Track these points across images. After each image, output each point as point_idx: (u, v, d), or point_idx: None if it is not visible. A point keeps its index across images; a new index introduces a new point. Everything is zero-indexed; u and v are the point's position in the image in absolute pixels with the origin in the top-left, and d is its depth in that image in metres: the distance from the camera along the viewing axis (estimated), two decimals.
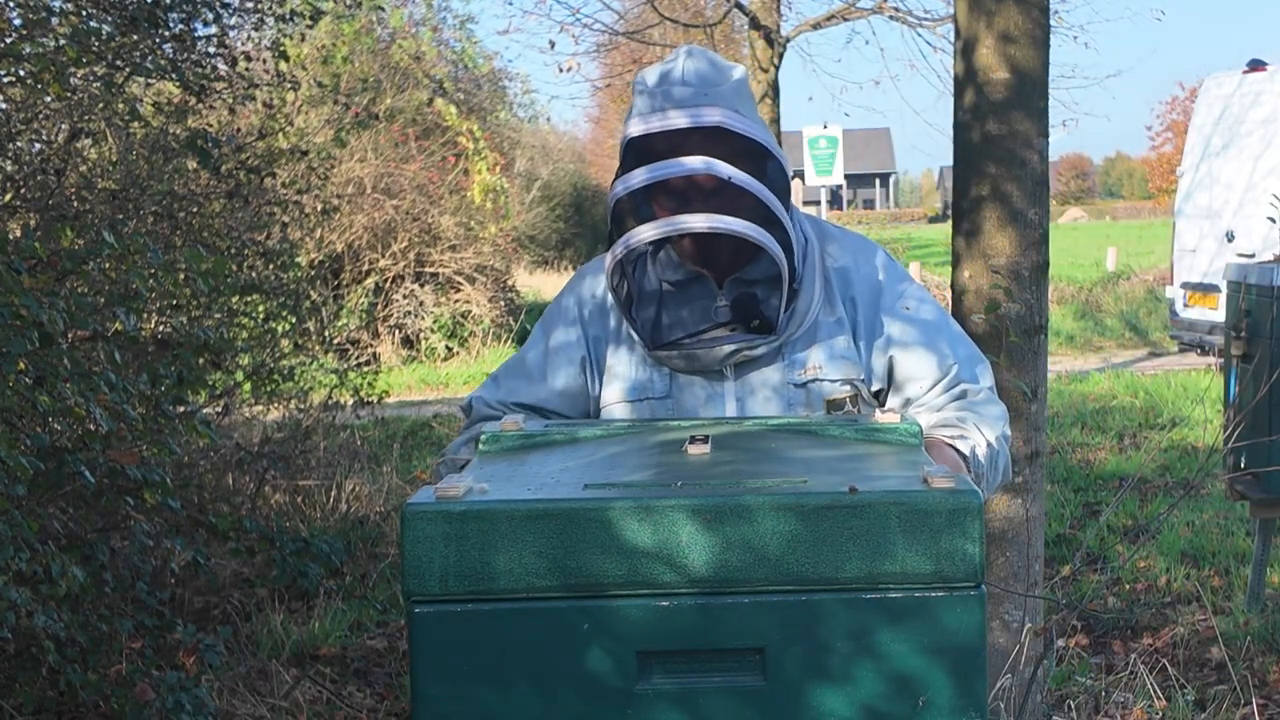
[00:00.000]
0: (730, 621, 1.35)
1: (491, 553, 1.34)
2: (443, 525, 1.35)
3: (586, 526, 1.34)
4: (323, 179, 7.42)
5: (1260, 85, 11.52)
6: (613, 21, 13.16)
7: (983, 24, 3.63)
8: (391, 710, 4.48)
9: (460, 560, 1.35)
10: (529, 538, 1.34)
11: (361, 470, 7.06)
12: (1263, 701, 4.29)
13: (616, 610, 1.35)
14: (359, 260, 14.48)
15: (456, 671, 1.36)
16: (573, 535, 1.34)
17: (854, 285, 2.04)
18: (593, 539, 1.34)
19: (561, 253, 25.25)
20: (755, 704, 1.36)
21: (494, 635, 1.36)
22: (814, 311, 1.99)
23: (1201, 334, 11.79)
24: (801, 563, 1.35)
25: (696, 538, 1.34)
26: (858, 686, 1.35)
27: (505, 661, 1.35)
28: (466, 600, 1.35)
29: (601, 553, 1.34)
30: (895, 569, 1.35)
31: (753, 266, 1.95)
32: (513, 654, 1.35)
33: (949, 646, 1.35)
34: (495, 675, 1.35)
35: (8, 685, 3.24)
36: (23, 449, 2.98)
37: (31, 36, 3.97)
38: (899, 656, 1.35)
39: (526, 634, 1.35)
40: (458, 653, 1.36)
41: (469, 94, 17.59)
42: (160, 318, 4.67)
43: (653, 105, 1.91)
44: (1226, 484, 5.30)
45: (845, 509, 1.35)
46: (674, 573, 1.35)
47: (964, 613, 1.35)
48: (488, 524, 1.35)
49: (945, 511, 1.35)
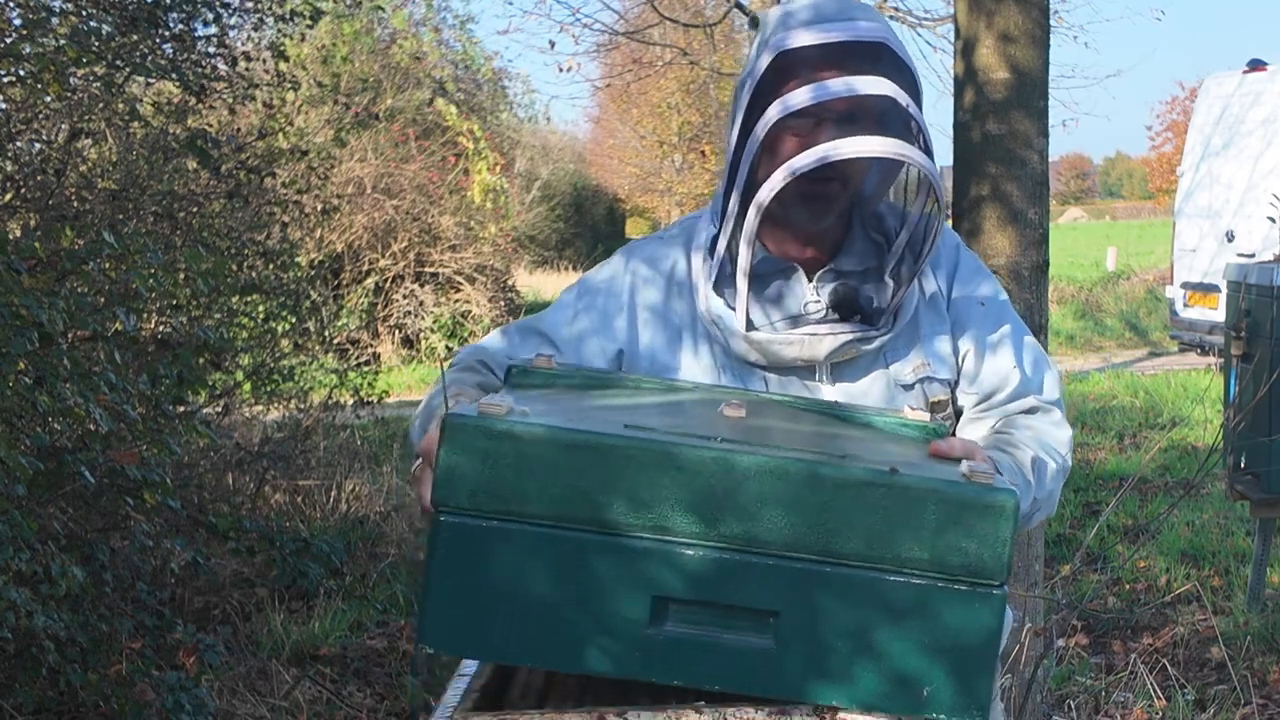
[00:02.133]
0: (749, 580, 1.34)
1: (526, 475, 1.34)
2: (482, 440, 1.34)
3: (625, 464, 1.34)
4: (323, 179, 7.42)
5: (1260, 85, 11.52)
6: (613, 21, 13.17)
7: (983, 24, 3.63)
8: (391, 710, 4.48)
9: (494, 478, 1.34)
10: (566, 466, 1.34)
11: (361, 470, 7.06)
12: (1263, 701, 4.29)
13: (639, 551, 1.34)
14: (359, 260, 14.48)
15: (471, 587, 1.35)
16: (610, 471, 1.34)
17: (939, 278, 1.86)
18: (629, 477, 1.33)
19: (561, 253, 25.26)
20: (761, 666, 1.35)
21: (514, 557, 1.35)
22: (914, 305, 1.80)
23: (1201, 334, 11.79)
24: (830, 534, 1.34)
25: (731, 492, 1.34)
26: (865, 667, 1.35)
27: (521, 585, 1.35)
28: (493, 518, 1.35)
29: (634, 492, 1.34)
30: (923, 556, 1.34)
31: (846, 256, 1.79)
32: (530, 578, 1.34)
33: (963, 641, 1.35)
34: (508, 597, 1.35)
35: (8, 685, 3.24)
36: (23, 449, 2.98)
37: (31, 36, 3.98)
38: (911, 644, 1.35)
39: (547, 561, 1.34)
40: (476, 568, 1.35)
41: (469, 94, 17.60)
42: (160, 318, 4.67)
43: (817, 16, 1.67)
44: (1226, 484, 5.30)
45: (883, 488, 1.34)
46: (702, 524, 1.34)
47: (984, 610, 1.35)
48: (528, 446, 1.34)
49: (981, 507, 1.34)
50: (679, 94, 26.71)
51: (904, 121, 1.64)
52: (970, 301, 1.86)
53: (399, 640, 5.02)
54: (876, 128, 1.62)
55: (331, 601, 5.31)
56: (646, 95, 27.00)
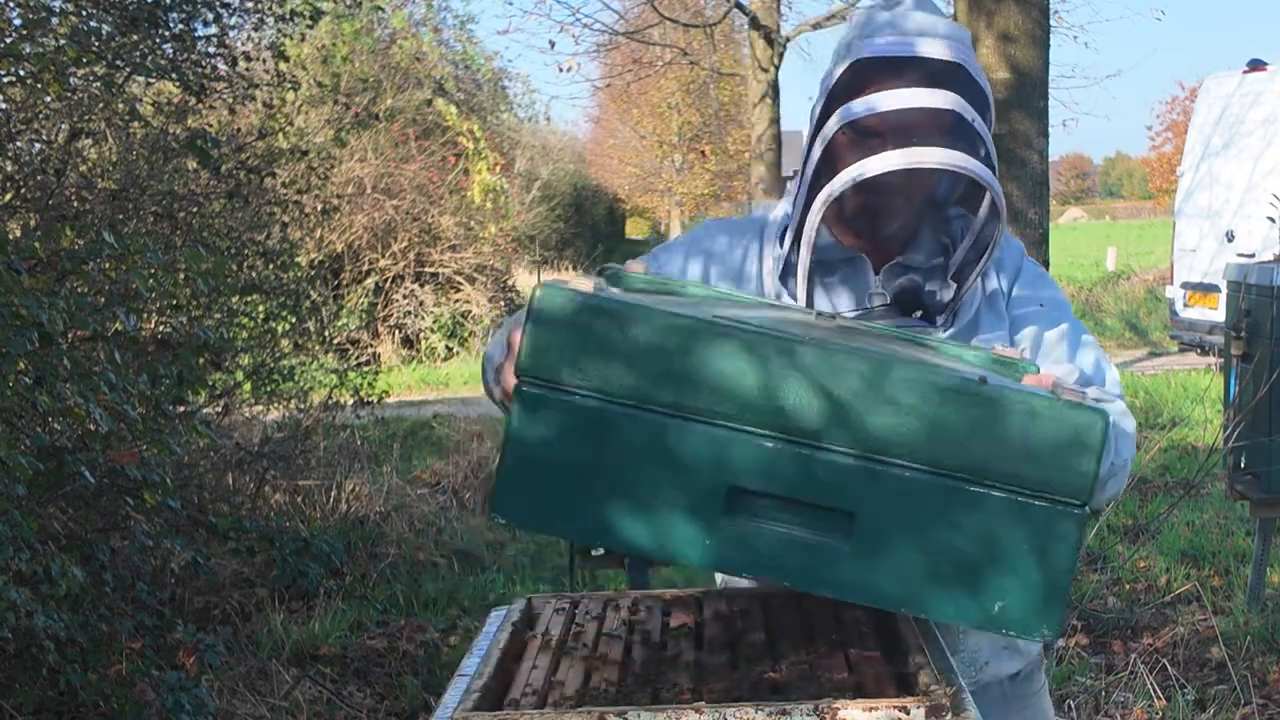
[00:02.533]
0: (829, 479, 1.33)
1: (612, 351, 1.32)
2: (570, 312, 1.32)
3: (713, 349, 1.32)
4: (323, 179, 7.42)
5: (1260, 85, 11.52)
6: (613, 21, 13.19)
7: (983, 24, 3.64)
8: (391, 710, 4.48)
9: (579, 351, 1.32)
10: (654, 345, 1.32)
11: (361, 470, 7.06)
12: (1263, 701, 4.29)
13: (721, 439, 1.33)
14: (359, 260, 14.48)
15: (547, 461, 1.34)
16: (698, 354, 1.32)
17: (1002, 279, 1.88)
18: (716, 363, 1.32)
19: (561, 253, 25.25)
20: (832, 566, 1.34)
21: (593, 433, 1.33)
22: (975, 305, 1.82)
23: (1201, 334, 11.79)
24: (915, 439, 1.32)
25: (819, 388, 1.32)
26: (937, 576, 1.33)
27: (598, 463, 1.33)
28: (574, 392, 1.33)
29: (723, 379, 1.32)
30: (1007, 469, 1.32)
31: (913, 253, 1.81)
32: (608, 457, 1.33)
33: (1040, 560, 1.32)
34: (584, 474, 1.33)
35: (8, 685, 3.24)
36: (23, 449, 2.98)
37: (31, 36, 3.98)
38: (987, 557, 1.32)
39: (627, 440, 1.33)
40: (553, 442, 1.33)
41: (469, 94, 17.60)
42: (160, 318, 4.67)
43: (895, 29, 1.71)
44: (1226, 484, 5.29)
45: (972, 397, 1.32)
46: (787, 417, 1.32)
47: (1064, 529, 1.32)
48: (618, 322, 1.32)
49: (1071, 424, 1.32)
50: (679, 94, 26.74)
51: (965, 134, 1.67)
52: (1030, 301, 1.88)
53: (399, 640, 5.02)
54: (942, 139, 1.65)
55: (331, 601, 5.31)
56: (646, 95, 27.03)
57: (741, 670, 1.47)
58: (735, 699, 1.36)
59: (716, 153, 27.53)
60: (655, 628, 1.62)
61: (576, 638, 1.59)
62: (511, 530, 6.95)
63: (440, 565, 6.19)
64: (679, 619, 1.64)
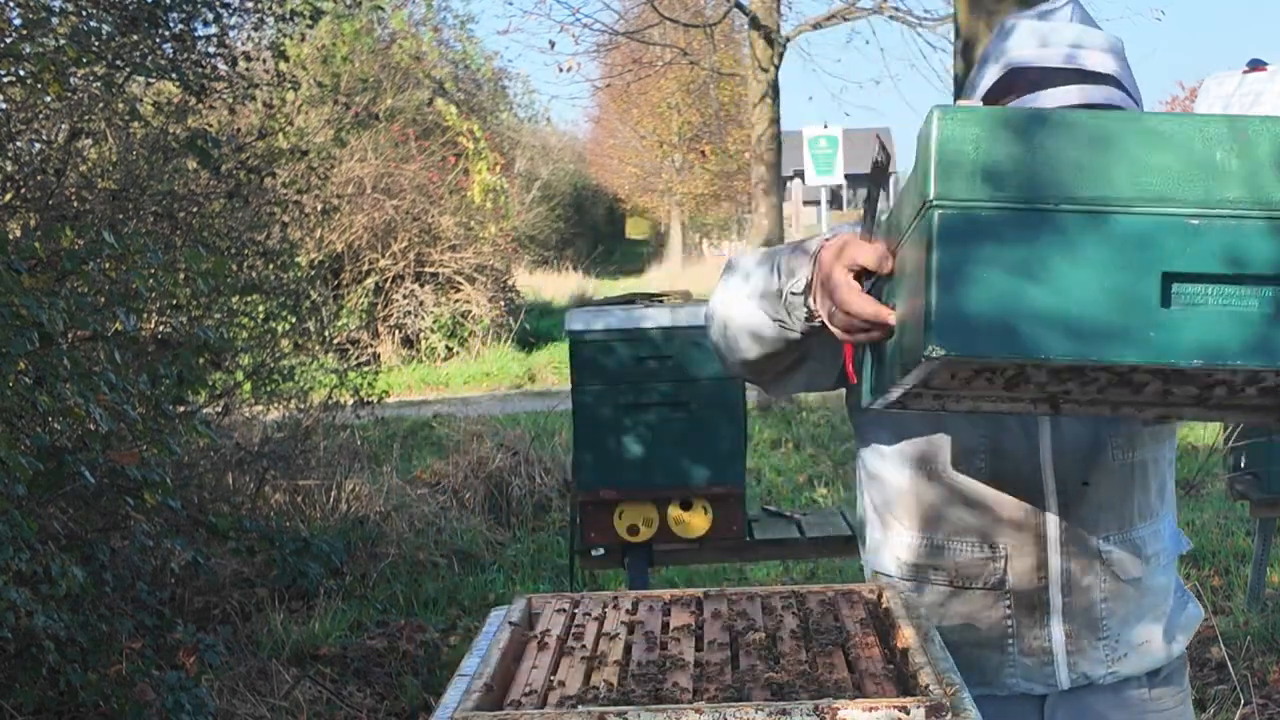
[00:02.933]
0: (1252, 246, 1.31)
1: (1022, 159, 1.32)
2: (974, 128, 1.32)
3: (1125, 138, 1.32)
4: (323, 179, 7.43)
5: (1260, 85, 11.50)
6: (613, 21, 13.19)
7: (983, 24, 3.64)
8: (392, 710, 4.48)
9: (990, 163, 1.32)
10: (1061, 146, 1.32)
11: (361, 470, 7.06)
12: (1263, 701, 4.29)
13: (1144, 228, 1.32)
14: (359, 260, 14.48)
15: (978, 282, 1.32)
16: (1109, 146, 1.32)
17: None
18: (1128, 152, 1.32)
19: (561, 252, 25.27)
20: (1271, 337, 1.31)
21: (1020, 246, 1.32)
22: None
23: None
24: None
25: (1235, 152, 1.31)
26: None
27: (1030, 275, 1.32)
28: (990, 206, 1.32)
29: (1135, 166, 1.31)
30: None
31: None
32: (1038, 267, 1.31)
33: None
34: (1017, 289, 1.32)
35: (8, 685, 3.24)
36: (23, 449, 2.98)
37: (31, 36, 3.98)
38: None
39: (1054, 246, 1.32)
40: (981, 262, 1.32)
41: (469, 94, 17.61)
42: (160, 318, 4.67)
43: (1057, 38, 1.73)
44: (1226, 484, 5.29)
45: None
46: (1206, 189, 1.31)
47: None
48: (1021, 129, 1.32)
49: None
50: (679, 94, 26.73)
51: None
52: None
53: (399, 640, 5.02)
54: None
55: (331, 601, 5.31)
56: (646, 95, 27.01)
57: (741, 670, 1.47)
58: (735, 699, 1.36)
59: (716, 153, 27.53)
60: (655, 628, 1.62)
61: (576, 638, 1.59)
62: (513, 531, 6.96)
63: (440, 565, 6.19)
64: (679, 619, 1.64)
